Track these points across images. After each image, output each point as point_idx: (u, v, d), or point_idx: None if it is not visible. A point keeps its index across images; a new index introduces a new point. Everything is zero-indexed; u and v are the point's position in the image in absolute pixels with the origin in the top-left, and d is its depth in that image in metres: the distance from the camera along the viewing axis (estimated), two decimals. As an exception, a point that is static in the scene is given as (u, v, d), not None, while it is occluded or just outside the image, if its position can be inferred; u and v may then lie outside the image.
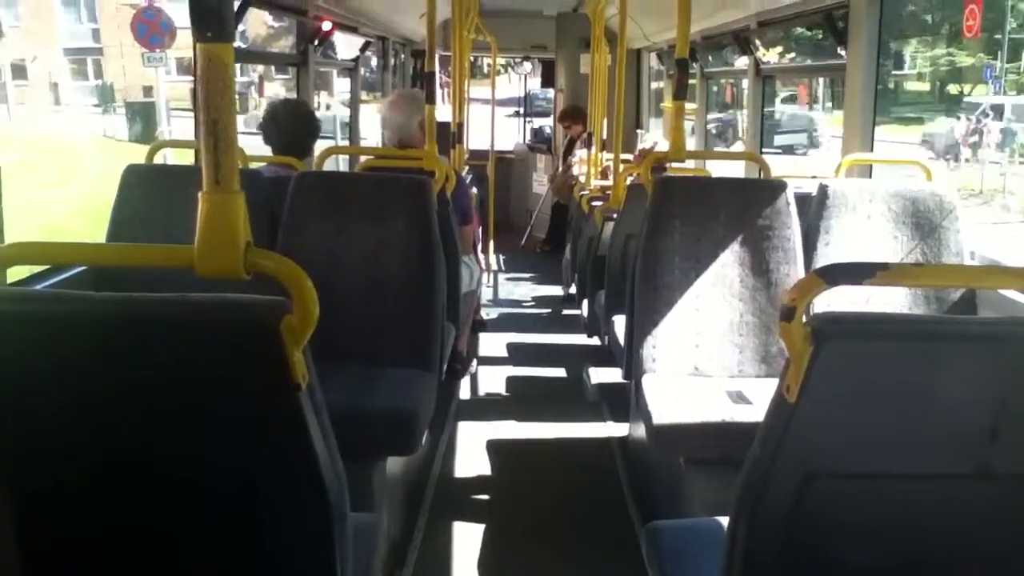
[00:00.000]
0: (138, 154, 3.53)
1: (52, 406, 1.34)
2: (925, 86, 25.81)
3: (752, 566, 1.45)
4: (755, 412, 2.64)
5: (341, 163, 6.12)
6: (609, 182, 5.75)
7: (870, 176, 3.80)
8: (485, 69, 15.08)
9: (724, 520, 1.59)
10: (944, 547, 1.43)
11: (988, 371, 1.32)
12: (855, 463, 1.37)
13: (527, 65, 11.64)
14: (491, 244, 7.97)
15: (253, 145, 3.94)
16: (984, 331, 1.36)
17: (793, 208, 3.06)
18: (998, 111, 19.41)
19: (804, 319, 1.32)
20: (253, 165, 3.60)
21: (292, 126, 3.76)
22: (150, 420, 1.36)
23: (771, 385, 1.41)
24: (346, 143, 7.10)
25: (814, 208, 3.13)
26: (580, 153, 7.88)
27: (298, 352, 1.30)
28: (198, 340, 1.32)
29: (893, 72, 23.77)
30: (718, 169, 5.46)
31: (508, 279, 8.21)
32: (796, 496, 1.37)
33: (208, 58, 1.30)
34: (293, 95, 5.15)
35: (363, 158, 4.02)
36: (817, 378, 1.28)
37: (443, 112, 7.35)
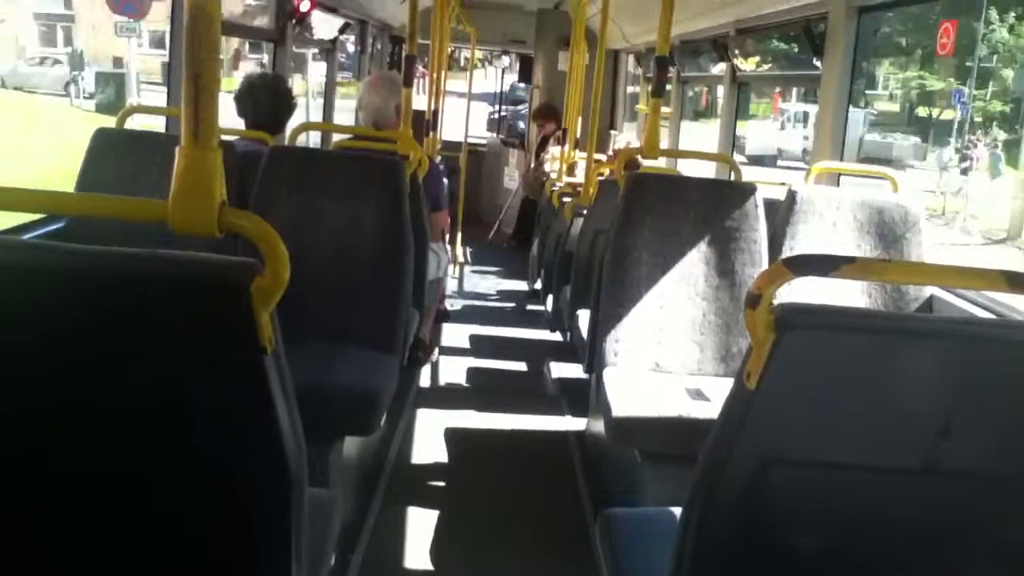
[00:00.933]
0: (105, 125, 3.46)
1: (9, 358, 1.31)
2: (895, 107, 26.21)
3: (703, 552, 1.46)
4: (712, 409, 2.67)
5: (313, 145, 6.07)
6: (579, 179, 5.77)
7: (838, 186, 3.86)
8: (463, 63, 15.05)
9: (677, 510, 1.61)
10: (892, 541, 1.46)
11: (944, 369, 1.35)
12: (810, 452, 1.39)
13: (505, 59, 11.66)
14: (459, 236, 7.97)
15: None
16: (943, 328, 1.39)
17: (761, 211, 3.10)
18: (804, 119, 20.12)
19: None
20: (224, 138, 3.56)
21: (268, 100, 3.72)
22: (111, 378, 1.34)
23: (729, 384, 1.43)
24: None
25: (782, 213, 3.16)
26: (553, 150, 7.91)
27: (266, 315, 1.29)
28: (167, 297, 1.30)
29: (865, 92, 24.11)
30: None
31: (474, 271, 8.20)
32: (751, 483, 1.39)
33: (195, 10, 1.29)
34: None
35: (336, 137, 4.00)
36: (778, 366, 1.30)
37: (418, 102, 7.34)
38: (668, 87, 6.96)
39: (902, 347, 1.34)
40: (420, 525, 3.08)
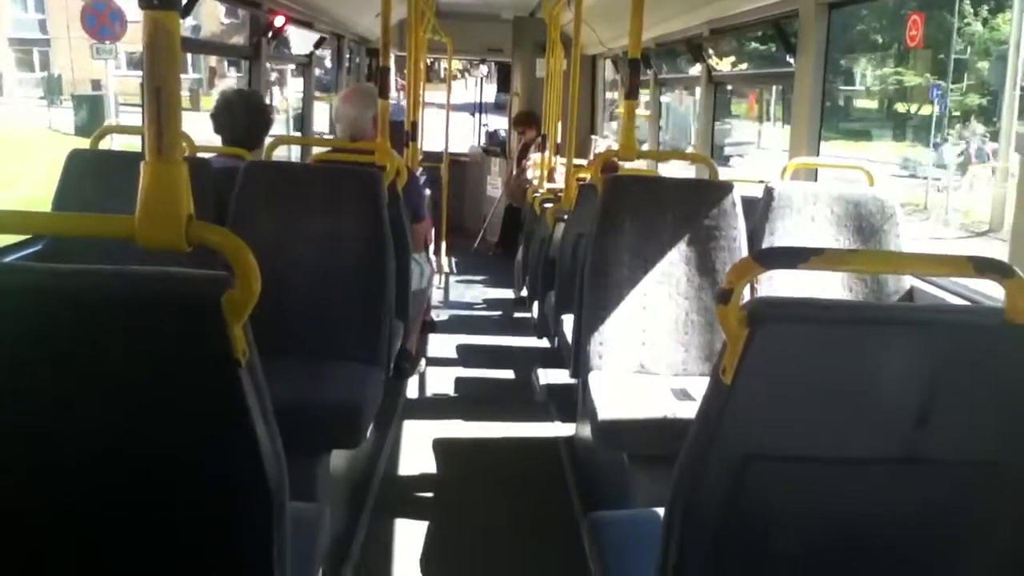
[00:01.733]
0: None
1: None
2: (874, 103, 26.38)
3: (688, 551, 1.46)
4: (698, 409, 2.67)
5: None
6: (560, 184, 5.78)
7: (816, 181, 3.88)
8: (442, 74, 15.11)
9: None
10: (876, 532, 1.46)
11: (919, 358, 1.35)
12: (790, 445, 1.39)
13: (483, 68, 11.69)
14: (443, 246, 7.97)
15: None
16: (916, 316, 1.40)
17: (739, 209, 3.10)
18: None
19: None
20: (200, 155, 3.55)
21: (245, 116, 3.70)
22: (84, 395, 1.33)
23: None
24: None
25: (760, 209, 3.18)
26: (534, 157, 7.92)
27: (239, 327, 1.28)
28: (138, 313, 1.30)
29: (842, 88, 24.26)
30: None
31: (460, 281, 8.20)
32: (732, 479, 1.39)
33: (153, 25, 1.29)
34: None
35: (315, 151, 3.99)
36: (752, 360, 1.30)
37: (397, 113, 7.34)
38: (645, 90, 7.01)
39: (875, 337, 1.34)
40: (411, 537, 3.07)
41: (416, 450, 3.80)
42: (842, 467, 1.41)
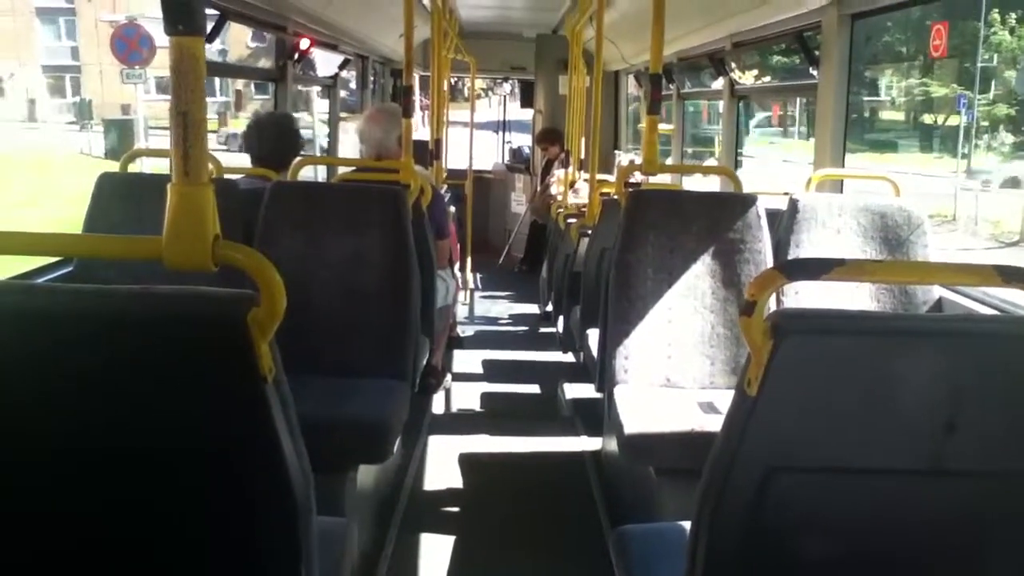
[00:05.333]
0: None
1: (13, 398, 1.33)
2: (900, 114, 26.17)
3: (715, 564, 1.45)
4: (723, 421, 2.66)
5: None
6: (584, 200, 5.80)
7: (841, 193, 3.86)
8: (465, 92, 15.20)
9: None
10: (901, 544, 1.45)
11: (945, 368, 1.34)
12: (815, 457, 1.38)
13: (506, 86, 11.74)
14: (468, 262, 8.00)
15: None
16: (941, 327, 1.39)
17: (764, 221, 3.09)
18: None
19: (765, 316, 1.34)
20: (228, 176, 3.60)
21: (275, 138, 3.75)
22: (113, 414, 1.35)
23: None
24: None
25: (784, 222, 3.16)
26: (558, 173, 7.94)
27: (264, 345, 1.30)
28: (165, 333, 1.31)
29: (866, 99, 24.10)
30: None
31: (485, 297, 8.21)
32: (757, 490, 1.38)
33: (179, 50, 1.31)
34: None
35: (340, 170, 4.03)
36: (777, 372, 1.30)
37: (421, 133, 7.40)
38: (667, 104, 7.02)
39: (899, 347, 1.33)
40: (438, 551, 3.07)
41: (442, 465, 3.81)
42: (868, 478, 1.40)
